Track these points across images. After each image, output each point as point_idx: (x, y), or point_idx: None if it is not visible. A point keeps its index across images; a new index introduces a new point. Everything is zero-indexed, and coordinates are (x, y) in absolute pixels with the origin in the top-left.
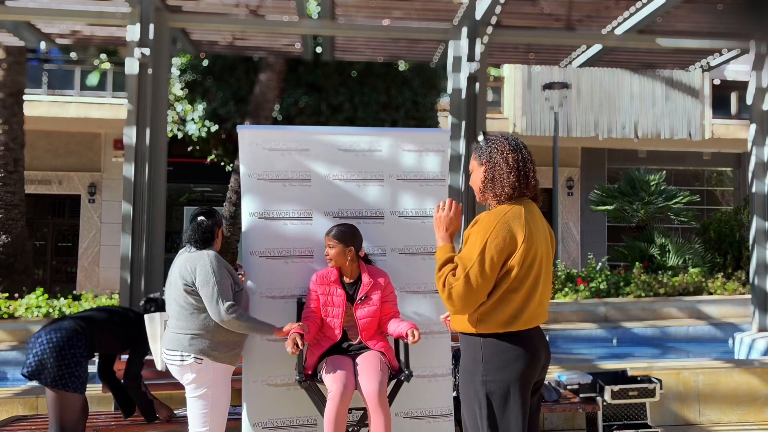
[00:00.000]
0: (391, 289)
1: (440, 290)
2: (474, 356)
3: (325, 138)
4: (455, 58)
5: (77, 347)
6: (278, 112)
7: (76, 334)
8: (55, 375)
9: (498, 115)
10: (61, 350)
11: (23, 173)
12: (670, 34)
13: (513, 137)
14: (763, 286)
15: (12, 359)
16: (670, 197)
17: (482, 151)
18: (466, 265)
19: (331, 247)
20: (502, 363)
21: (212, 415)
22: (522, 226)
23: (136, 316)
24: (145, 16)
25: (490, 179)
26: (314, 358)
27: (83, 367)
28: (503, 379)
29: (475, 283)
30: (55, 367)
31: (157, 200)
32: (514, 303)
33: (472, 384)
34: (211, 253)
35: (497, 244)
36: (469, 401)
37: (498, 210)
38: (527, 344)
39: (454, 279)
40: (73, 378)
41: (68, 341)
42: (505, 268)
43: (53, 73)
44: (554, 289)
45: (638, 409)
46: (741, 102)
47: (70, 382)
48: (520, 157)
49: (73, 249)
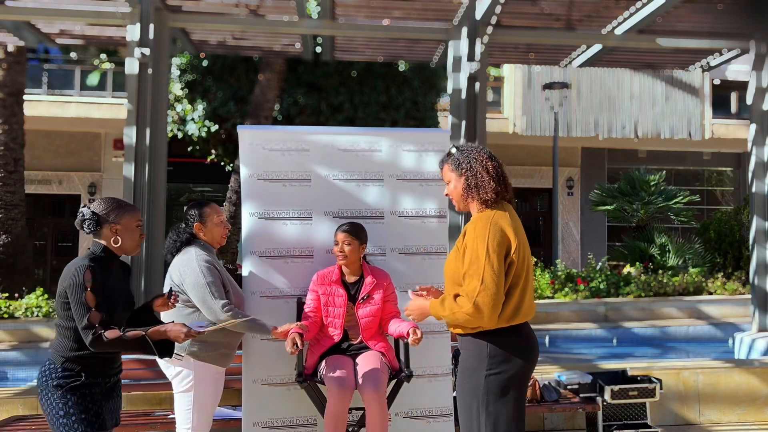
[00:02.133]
0: (392, 289)
1: (463, 318)
2: (479, 353)
3: (325, 138)
4: (455, 58)
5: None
6: (278, 112)
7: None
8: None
9: (498, 115)
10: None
11: (23, 173)
12: (670, 34)
13: (484, 147)
14: (763, 286)
15: (12, 359)
16: (670, 197)
17: (459, 161)
18: (479, 272)
19: (348, 243)
20: (505, 358)
21: (195, 413)
22: (510, 226)
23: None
24: (145, 16)
25: (473, 187)
26: (314, 358)
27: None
28: (505, 372)
29: (492, 283)
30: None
31: (157, 200)
32: (515, 297)
33: (474, 379)
34: (199, 253)
35: (498, 243)
36: (467, 397)
37: (484, 215)
38: (527, 339)
39: (472, 291)
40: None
41: (40, 376)
42: (507, 263)
43: (53, 73)
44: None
45: (638, 409)
46: (741, 102)
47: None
48: (497, 164)
49: (73, 249)
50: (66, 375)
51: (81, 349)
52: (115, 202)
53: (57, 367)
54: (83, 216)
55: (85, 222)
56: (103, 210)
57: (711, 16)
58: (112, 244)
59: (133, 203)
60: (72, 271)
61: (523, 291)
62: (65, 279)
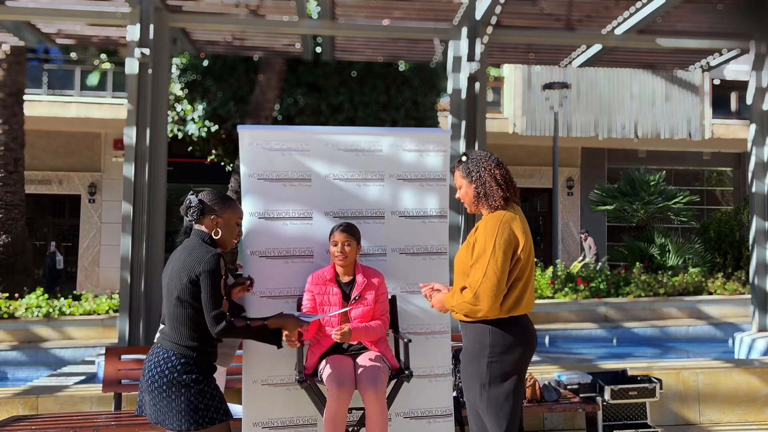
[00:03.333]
0: (383, 290)
1: (466, 307)
2: (481, 340)
3: (326, 138)
4: (455, 58)
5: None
6: (278, 112)
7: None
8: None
9: (498, 115)
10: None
11: (23, 173)
12: (670, 34)
13: (492, 154)
14: (763, 286)
15: (12, 359)
16: (670, 197)
17: (469, 170)
18: (483, 265)
19: (347, 243)
20: (506, 347)
21: None
22: (518, 224)
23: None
24: (145, 16)
25: (482, 195)
26: (315, 358)
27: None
28: (506, 360)
29: (494, 276)
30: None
31: (157, 200)
32: (518, 290)
33: (476, 365)
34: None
35: (505, 240)
36: (471, 382)
37: (495, 215)
38: (526, 331)
39: (475, 282)
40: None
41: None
42: (514, 260)
43: (53, 73)
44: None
45: (638, 409)
46: (741, 102)
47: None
48: (505, 171)
49: (73, 249)
50: (197, 366)
51: (202, 338)
52: (222, 196)
53: (184, 359)
54: (190, 203)
55: (190, 209)
56: (210, 200)
57: (711, 16)
58: (213, 236)
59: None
60: (207, 259)
61: (525, 285)
62: (197, 265)
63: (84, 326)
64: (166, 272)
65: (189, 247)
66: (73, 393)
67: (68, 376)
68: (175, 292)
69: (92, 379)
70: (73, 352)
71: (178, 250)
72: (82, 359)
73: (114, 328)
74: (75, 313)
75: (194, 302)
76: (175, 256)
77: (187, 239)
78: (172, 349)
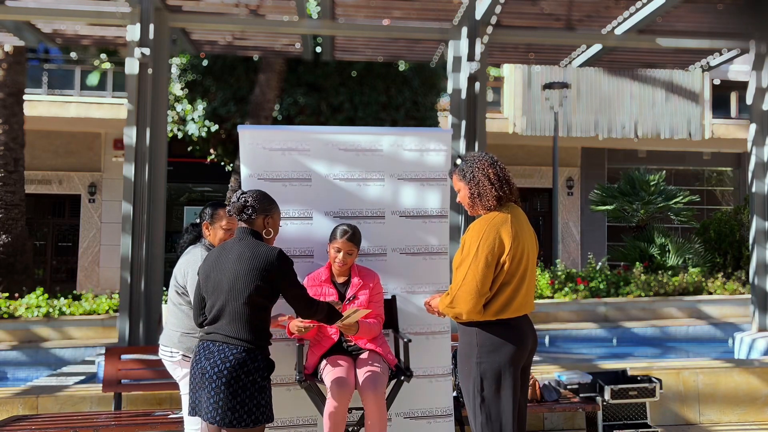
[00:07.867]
0: (378, 290)
1: (448, 311)
2: (470, 341)
3: (326, 137)
4: (455, 58)
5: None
6: (278, 112)
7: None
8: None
9: (498, 115)
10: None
11: (23, 173)
12: (670, 34)
13: (487, 153)
14: (763, 286)
15: (12, 359)
16: (670, 197)
17: (464, 171)
18: (465, 269)
19: (350, 252)
20: (494, 347)
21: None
22: (509, 229)
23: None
24: (145, 16)
25: (476, 195)
26: (315, 358)
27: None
28: (494, 360)
29: (473, 281)
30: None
31: (157, 200)
32: (505, 294)
33: (468, 365)
34: (204, 254)
35: (488, 245)
36: (465, 380)
37: (487, 217)
38: (516, 331)
39: (455, 285)
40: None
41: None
42: (499, 265)
43: (53, 73)
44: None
45: (638, 408)
46: (741, 102)
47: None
48: (499, 170)
49: (73, 249)
50: (264, 362)
51: (264, 335)
52: (268, 196)
53: (256, 354)
54: (246, 203)
55: (246, 209)
56: (261, 200)
57: (711, 16)
58: (264, 235)
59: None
60: (276, 257)
61: (516, 288)
62: (272, 267)
63: (84, 326)
64: (223, 273)
65: (250, 247)
66: (73, 393)
67: (68, 376)
68: (246, 292)
69: (92, 379)
70: (73, 352)
71: (234, 249)
72: (82, 359)
73: (114, 328)
74: (75, 313)
75: (264, 300)
76: (232, 256)
77: (238, 239)
78: (240, 345)
